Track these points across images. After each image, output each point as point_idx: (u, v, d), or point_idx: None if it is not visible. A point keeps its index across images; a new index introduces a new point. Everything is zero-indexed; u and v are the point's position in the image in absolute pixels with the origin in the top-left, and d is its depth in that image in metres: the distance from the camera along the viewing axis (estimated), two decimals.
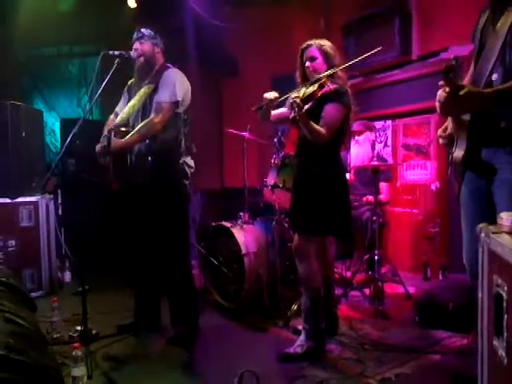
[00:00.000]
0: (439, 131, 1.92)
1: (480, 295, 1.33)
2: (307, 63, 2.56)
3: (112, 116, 3.04)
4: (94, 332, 2.80)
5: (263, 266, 3.29)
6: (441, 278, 3.87)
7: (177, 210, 2.83)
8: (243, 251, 3.22)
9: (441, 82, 2.39)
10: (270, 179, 3.36)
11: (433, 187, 4.09)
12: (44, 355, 2.04)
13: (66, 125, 4.94)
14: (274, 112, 2.73)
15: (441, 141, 1.90)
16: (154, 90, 2.80)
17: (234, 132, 3.79)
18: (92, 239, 4.20)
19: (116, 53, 2.79)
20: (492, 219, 1.60)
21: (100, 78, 2.99)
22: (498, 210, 1.59)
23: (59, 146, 5.32)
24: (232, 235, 3.31)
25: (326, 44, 2.57)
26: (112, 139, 2.69)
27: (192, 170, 2.90)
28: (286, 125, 4.54)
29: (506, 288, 1.11)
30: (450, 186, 3.91)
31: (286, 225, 3.39)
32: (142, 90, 2.83)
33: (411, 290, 3.63)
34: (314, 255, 2.57)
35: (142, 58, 2.82)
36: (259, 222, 3.56)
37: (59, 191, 4.61)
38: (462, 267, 3.68)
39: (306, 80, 2.57)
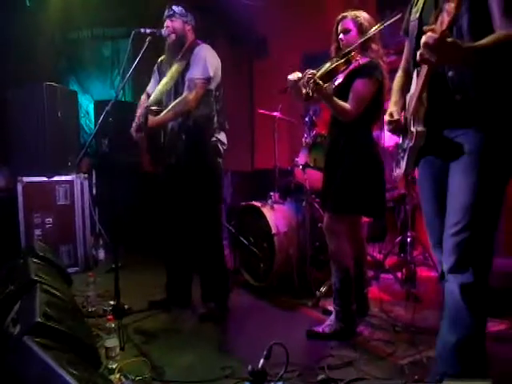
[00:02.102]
0: (386, 117, 1.81)
1: None
2: (341, 35, 2.49)
3: (144, 96, 3.05)
4: (126, 307, 2.87)
5: (293, 246, 3.28)
6: None
7: (210, 188, 2.85)
8: (273, 231, 3.21)
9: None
10: (301, 158, 3.32)
11: None
12: (79, 325, 2.11)
13: (100, 107, 5.00)
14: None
15: (387, 127, 1.79)
16: (186, 67, 2.80)
17: (265, 112, 3.75)
18: (125, 218, 4.30)
19: (147, 31, 2.79)
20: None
21: (132, 57, 3.01)
22: (451, 181, 1.58)
23: (93, 128, 5.42)
24: (262, 215, 3.30)
25: (362, 16, 2.50)
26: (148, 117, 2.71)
27: (225, 147, 2.91)
28: (318, 104, 4.49)
29: None
30: None
31: (317, 205, 3.35)
32: (174, 68, 2.84)
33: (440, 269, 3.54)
34: (344, 234, 2.53)
35: (172, 36, 2.83)
36: (289, 202, 3.54)
37: (93, 171, 4.70)
38: (498, 250, 3.58)
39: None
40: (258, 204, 3.40)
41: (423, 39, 1.36)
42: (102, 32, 5.67)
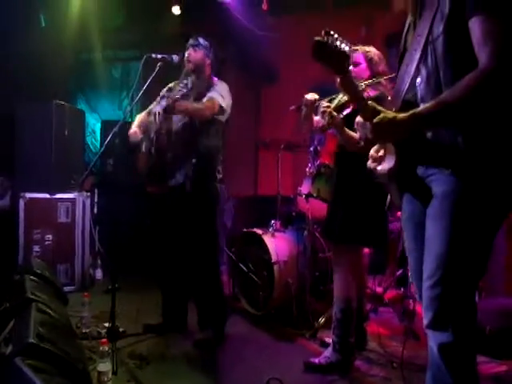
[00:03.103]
0: (372, 150, 1.67)
1: None
2: (351, 68, 2.53)
3: (144, 113, 3.05)
4: (121, 330, 2.83)
5: (293, 275, 3.25)
6: (477, 299, 3.71)
7: (211, 214, 2.89)
8: (273, 259, 3.19)
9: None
10: (305, 188, 3.33)
11: None
12: (72, 347, 2.07)
13: (107, 126, 5.07)
14: (315, 118, 2.73)
15: (369, 162, 1.61)
16: (207, 88, 2.84)
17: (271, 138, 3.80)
18: (125, 239, 4.29)
19: (159, 56, 2.86)
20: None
21: (142, 80, 3.06)
22: (428, 228, 1.41)
23: (99, 147, 5.47)
24: (263, 242, 3.29)
25: (372, 51, 2.55)
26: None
27: (220, 177, 2.95)
28: (323, 134, 4.52)
29: None
30: None
31: (318, 234, 3.34)
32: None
33: None
34: (348, 265, 2.52)
35: (190, 65, 2.86)
36: (291, 231, 3.53)
37: (96, 190, 4.71)
38: (499, 289, 3.55)
39: None
40: (259, 231, 3.39)
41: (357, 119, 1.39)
42: (113, 54, 5.79)
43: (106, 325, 2.77)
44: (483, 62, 1.20)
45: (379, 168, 1.51)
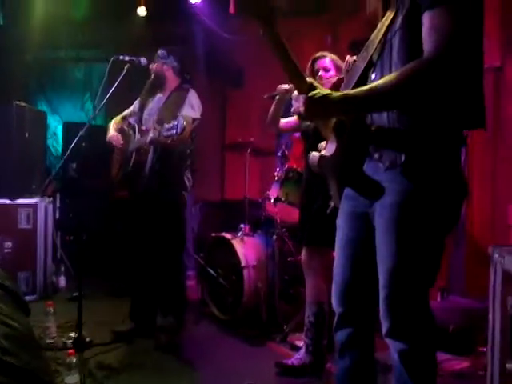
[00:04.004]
0: (319, 145, 1.61)
1: (491, 316, 1.31)
2: (321, 73, 2.58)
3: (119, 118, 3.16)
4: (88, 339, 2.75)
5: (262, 279, 3.25)
6: (439, 299, 3.84)
7: (175, 218, 3.00)
8: (243, 264, 3.18)
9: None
10: (273, 192, 3.34)
11: None
12: (38, 360, 2.00)
13: (69, 128, 4.94)
14: (282, 120, 2.77)
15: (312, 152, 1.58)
16: (179, 105, 2.95)
17: (238, 142, 3.79)
18: (88, 244, 4.17)
19: (126, 58, 2.84)
20: (370, 251, 1.42)
21: (107, 82, 3.04)
22: (377, 239, 1.39)
23: (60, 150, 5.30)
24: (232, 247, 3.28)
25: (338, 59, 2.61)
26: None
27: (191, 184, 3.10)
28: (289, 137, 4.56)
29: None
30: None
31: (287, 238, 3.36)
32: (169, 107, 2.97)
33: None
34: (320, 269, 2.54)
35: (152, 76, 3.05)
36: (260, 235, 3.53)
37: (58, 195, 4.57)
38: (461, 289, 3.69)
39: None
40: (228, 236, 3.38)
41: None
42: (75, 54, 5.63)
43: (72, 335, 2.69)
44: (427, 51, 1.22)
45: (313, 153, 1.47)
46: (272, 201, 3.28)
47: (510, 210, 3.43)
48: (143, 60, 2.89)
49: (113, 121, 3.17)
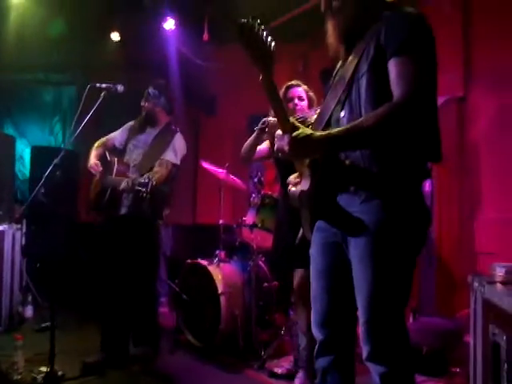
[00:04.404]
0: (291, 177, 1.70)
1: (472, 343, 1.36)
2: (296, 101, 2.64)
3: (101, 146, 3.15)
4: (59, 373, 2.64)
5: (239, 306, 3.24)
6: (411, 320, 3.92)
7: (150, 245, 3.03)
8: (220, 290, 3.16)
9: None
10: (249, 218, 3.36)
11: None
12: None
13: (37, 152, 4.83)
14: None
15: (290, 187, 1.66)
16: (164, 147, 3.02)
17: (210, 169, 3.80)
18: (56, 271, 4.05)
19: (103, 86, 2.84)
20: (346, 278, 1.48)
21: (76, 106, 3.04)
22: (354, 268, 1.46)
23: (27, 174, 5.16)
24: (208, 273, 3.26)
25: (309, 90, 2.70)
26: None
27: (166, 214, 3.17)
28: (262, 164, 4.61)
29: (504, 337, 1.14)
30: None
31: (263, 264, 3.38)
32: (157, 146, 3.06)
33: None
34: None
35: (143, 113, 3.13)
36: (236, 261, 3.53)
37: (24, 221, 4.43)
38: (432, 310, 3.78)
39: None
40: (203, 262, 3.36)
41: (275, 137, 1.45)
42: (44, 76, 5.54)
43: (43, 369, 2.58)
44: (396, 96, 1.35)
45: (293, 189, 1.54)
46: (248, 227, 3.29)
47: (477, 235, 3.58)
48: (120, 87, 2.88)
49: (95, 145, 3.15)
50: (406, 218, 1.40)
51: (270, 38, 1.38)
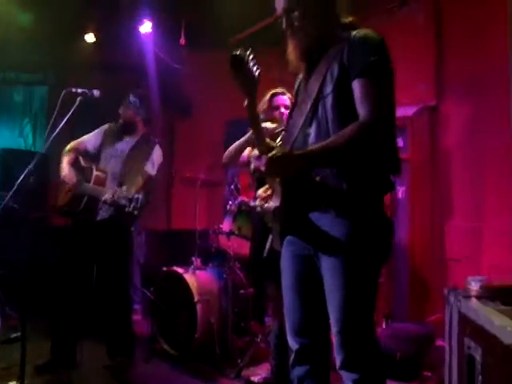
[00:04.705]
0: (260, 191, 1.79)
1: (447, 357, 1.39)
2: (282, 110, 2.61)
3: (72, 146, 3.09)
4: None
5: (215, 313, 3.22)
6: (384, 326, 3.98)
7: (124, 252, 3.05)
8: (196, 298, 3.14)
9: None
10: (226, 226, 3.35)
11: None
12: None
13: (6, 154, 4.69)
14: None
15: (258, 202, 1.77)
16: (145, 157, 3.02)
17: (188, 176, 3.77)
18: (24, 278, 3.93)
19: (79, 91, 2.77)
20: (318, 289, 1.54)
21: (48, 107, 2.97)
22: (325, 279, 1.52)
23: None
24: (184, 281, 3.23)
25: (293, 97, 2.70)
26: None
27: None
28: (238, 170, 4.60)
29: (480, 351, 1.17)
30: (395, 236, 4.11)
31: (239, 271, 3.38)
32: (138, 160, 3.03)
33: None
34: None
35: (121, 121, 3.10)
36: (211, 268, 3.51)
37: None
38: (404, 316, 3.86)
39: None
40: (179, 270, 3.33)
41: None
42: (15, 76, 5.38)
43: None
44: (362, 116, 1.44)
45: (266, 205, 1.60)
46: (225, 234, 3.29)
47: (447, 242, 3.67)
48: (96, 92, 2.82)
49: (66, 149, 3.08)
50: (372, 232, 1.50)
51: (256, 67, 1.45)
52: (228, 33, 4.44)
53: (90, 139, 3.13)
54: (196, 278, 3.28)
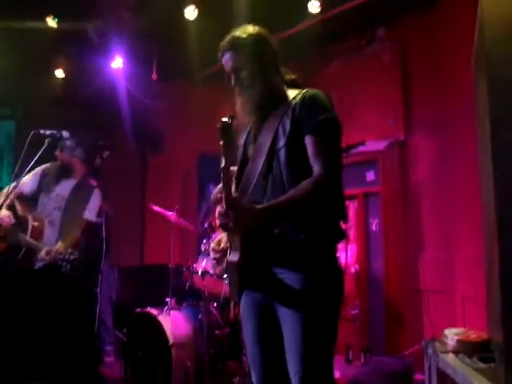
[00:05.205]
0: (213, 244, 1.83)
1: None
2: None
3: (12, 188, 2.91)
4: None
5: (191, 356, 3.13)
6: (362, 360, 3.96)
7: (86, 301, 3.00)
8: (170, 342, 3.04)
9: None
10: (200, 265, 3.30)
11: (352, 270, 4.28)
12: None
13: None
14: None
15: (212, 255, 1.82)
16: (84, 201, 3.03)
17: (160, 211, 3.71)
18: None
19: (47, 132, 2.77)
20: (278, 338, 1.58)
21: (14, 143, 2.89)
22: (285, 328, 1.55)
23: None
24: (159, 324, 3.13)
25: None
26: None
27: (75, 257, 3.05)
28: (212, 208, 4.57)
29: None
30: (369, 269, 4.14)
31: (215, 311, 3.31)
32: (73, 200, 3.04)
33: (336, 374, 3.65)
34: None
35: (58, 163, 3.08)
36: (186, 308, 3.42)
37: None
38: (382, 348, 3.85)
39: None
40: (153, 312, 3.23)
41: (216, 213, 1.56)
42: None
43: None
44: (316, 171, 1.53)
45: (229, 259, 1.60)
46: (199, 274, 3.23)
47: (421, 275, 3.72)
48: (65, 133, 2.81)
49: (3, 192, 2.95)
50: (328, 284, 1.56)
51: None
52: (199, 67, 4.47)
53: (26, 183, 3.05)
54: (170, 319, 3.19)
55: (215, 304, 3.36)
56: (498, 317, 1.25)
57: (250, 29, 1.69)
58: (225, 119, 1.52)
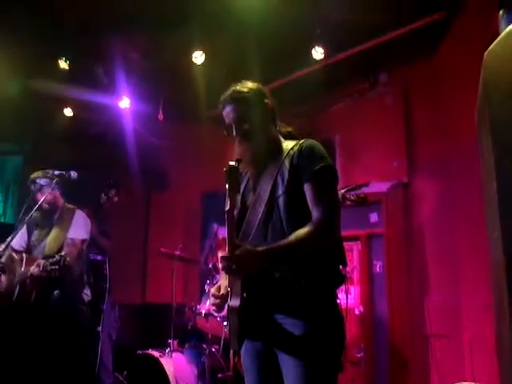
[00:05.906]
0: (213, 289, 1.82)
1: None
2: None
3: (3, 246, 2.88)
4: None
5: None
6: None
7: (75, 339, 2.91)
8: None
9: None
10: (203, 306, 3.27)
11: (356, 312, 4.23)
12: None
13: None
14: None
15: (212, 300, 1.77)
16: (66, 225, 3.01)
17: (167, 252, 3.71)
18: None
19: (56, 173, 2.80)
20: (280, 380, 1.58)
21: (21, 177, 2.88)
22: (285, 380, 1.56)
23: None
24: (161, 366, 3.08)
25: None
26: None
27: (89, 298, 3.11)
28: (214, 240, 4.56)
29: None
30: (374, 311, 4.08)
31: (218, 354, 3.26)
32: (57, 231, 3.00)
33: None
34: None
35: (45, 205, 2.99)
36: (188, 350, 3.38)
37: None
38: None
39: None
40: (155, 354, 3.19)
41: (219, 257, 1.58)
42: None
43: None
44: (316, 217, 1.58)
45: (230, 304, 1.59)
46: (203, 315, 3.20)
47: (427, 317, 3.66)
48: (73, 174, 2.84)
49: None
50: (329, 331, 1.56)
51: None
52: (204, 108, 4.55)
53: (15, 243, 3.01)
54: (173, 362, 3.15)
55: (218, 347, 3.31)
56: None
57: (250, 84, 1.77)
58: (232, 163, 1.56)
